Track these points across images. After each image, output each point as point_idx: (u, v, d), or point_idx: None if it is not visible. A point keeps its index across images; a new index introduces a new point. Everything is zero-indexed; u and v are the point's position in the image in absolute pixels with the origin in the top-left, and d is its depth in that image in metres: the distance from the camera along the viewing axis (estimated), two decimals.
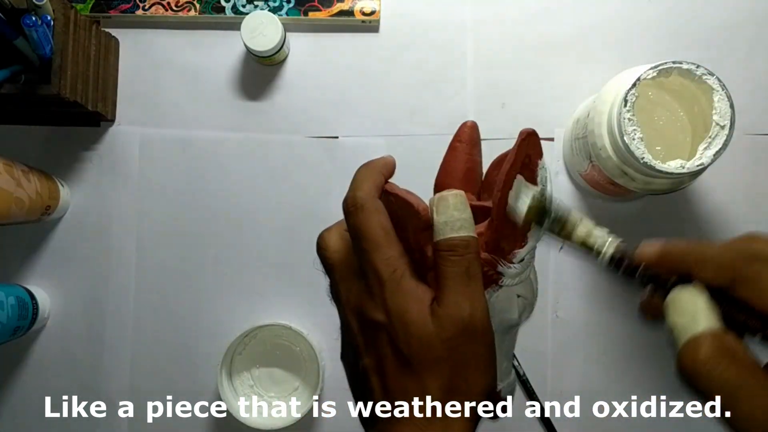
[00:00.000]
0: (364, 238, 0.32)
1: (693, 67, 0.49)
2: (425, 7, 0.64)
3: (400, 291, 0.31)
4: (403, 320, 0.30)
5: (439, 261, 0.31)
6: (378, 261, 0.31)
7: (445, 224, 0.31)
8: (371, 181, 0.33)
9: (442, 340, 0.30)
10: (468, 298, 0.31)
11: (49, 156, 0.64)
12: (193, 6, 0.64)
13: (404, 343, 0.30)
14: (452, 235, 0.31)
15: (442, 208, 0.32)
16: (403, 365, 0.30)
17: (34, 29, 0.51)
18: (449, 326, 0.30)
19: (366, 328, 0.32)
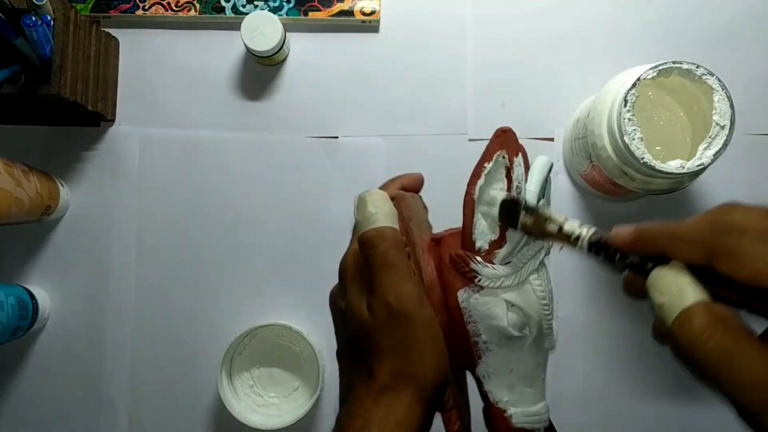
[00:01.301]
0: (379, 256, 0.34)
1: (693, 67, 0.49)
2: (425, 8, 0.64)
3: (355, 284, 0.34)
4: (350, 309, 0.33)
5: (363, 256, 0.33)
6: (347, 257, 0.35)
7: (362, 221, 0.34)
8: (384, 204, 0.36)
9: (375, 327, 0.32)
10: (391, 284, 0.32)
11: (49, 156, 0.64)
12: (193, 6, 0.64)
13: (352, 331, 0.33)
14: (367, 229, 0.33)
15: (360, 208, 0.34)
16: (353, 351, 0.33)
17: (34, 29, 0.51)
18: (378, 314, 0.32)
19: (336, 316, 0.36)
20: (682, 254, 0.29)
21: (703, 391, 0.65)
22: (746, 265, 0.27)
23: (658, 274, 0.30)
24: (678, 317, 0.28)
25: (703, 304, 0.28)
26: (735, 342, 0.26)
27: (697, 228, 0.29)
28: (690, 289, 0.28)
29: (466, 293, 0.33)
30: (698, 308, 0.27)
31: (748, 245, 0.27)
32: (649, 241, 0.30)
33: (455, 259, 0.34)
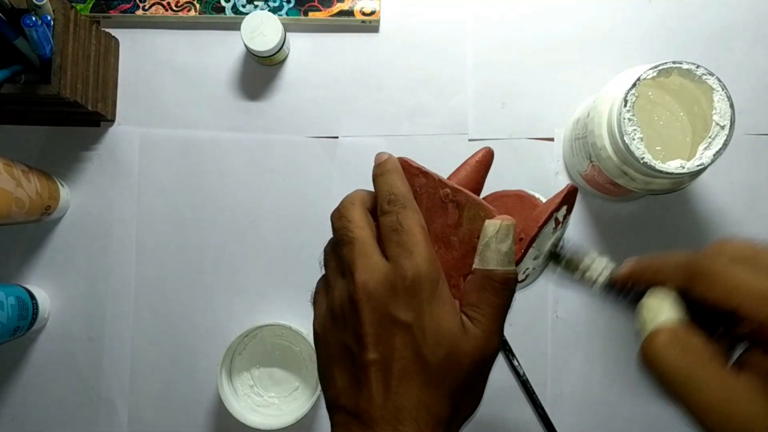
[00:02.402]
0: (407, 232, 0.31)
1: (693, 67, 0.49)
2: (425, 8, 0.64)
3: (438, 296, 0.30)
4: (437, 328, 0.30)
5: (486, 286, 0.31)
6: (419, 259, 0.31)
7: (505, 255, 0.31)
8: (402, 182, 0.34)
9: (472, 361, 0.30)
10: (500, 330, 0.31)
11: (49, 156, 0.64)
12: (193, 6, 0.64)
13: (432, 351, 0.30)
14: (509, 269, 0.31)
15: (504, 237, 0.31)
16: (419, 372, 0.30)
17: (34, 29, 0.51)
18: (481, 350, 0.30)
19: (384, 322, 0.30)
20: (665, 277, 0.30)
21: None
22: (716, 286, 0.27)
23: (646, 298, 0.31)
24: (647, 336, 0.29)
25: (670, 324, 0.28)
26: (691, 363, 0.27)
27: (682, 256, 0.30)
28: (666, 310, 0.29)
29: None
30: (664, 328, 0.28)
31: (720, 266, 0.28)
32: (640, 272, 0.32)
33: None
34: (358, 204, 0.34)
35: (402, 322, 0.30)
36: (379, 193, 0.34)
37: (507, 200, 0.37)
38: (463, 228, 0.33)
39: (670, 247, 0.62)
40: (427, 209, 0.34)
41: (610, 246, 0.62)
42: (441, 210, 0.34)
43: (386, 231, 0.32)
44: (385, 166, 0.35)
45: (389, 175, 0.34)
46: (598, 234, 0.62)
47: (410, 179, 0.35)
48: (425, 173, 0.35)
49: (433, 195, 0.34)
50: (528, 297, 0.62)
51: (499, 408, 0.62)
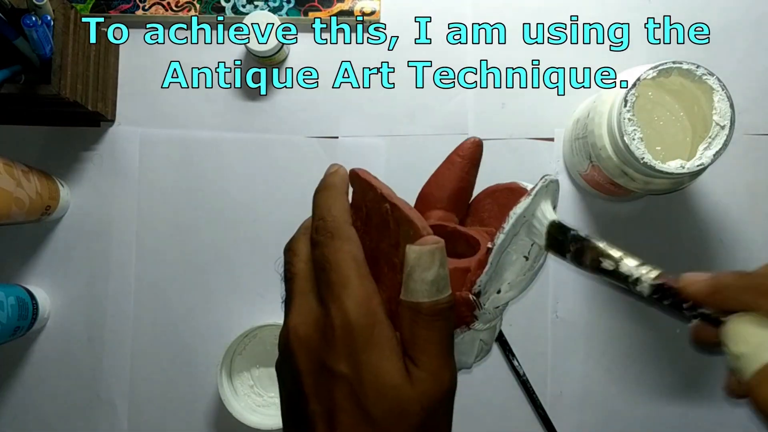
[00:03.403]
0: (333, 269, 0.28)
1: (693, 67, 0.49)
2: (425, 7, 0.64)
3: (373, 343, 0.27)
4: (376, 380, 0.26)
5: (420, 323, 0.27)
6: (348, 301, 0.27)
7: (431, 284, 0.27)
8: (340, 204, 0.30)
9: (422, 408, 0.27)
10: (449, 364, 0.28)
11: (49, 156, 0.64)
12: (193, 6, 0.64)
13: (375, 405, 0.26)
14: (438, 298, 0.27)
15: (428, 264, 0.27)
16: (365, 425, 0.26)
17: (34, 29, 0.51)
18: (430, 395, 0.27)
19: (320, 372, 0.27)
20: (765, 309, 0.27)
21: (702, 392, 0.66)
22: None
23: (737, 323, 0.28)
24: (758, 372, 0.26)
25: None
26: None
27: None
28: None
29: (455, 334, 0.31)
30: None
31: None
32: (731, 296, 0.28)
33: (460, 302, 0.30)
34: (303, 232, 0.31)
35: (339, 374, 0.27)
36: (312, 216, 0.31)
37: (498, 195, 0.34)
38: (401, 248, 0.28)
39: (670, 247, 0.62)
40: (376, 227, 0.30)
41: None
42: (385, 228, 0.30)
43: (316, 268, 0.29)
44: (325, 182, 0.31)
45: (324, 193, 0.31)
46: (598, 234, 0.62)
47: (363, 194, 0.31)
48: (372, 186, 0.31)
49: (379, 211, 0.30)
50: (528, 297, 0.62)
51: (499, 408, 0.62)
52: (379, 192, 0.30)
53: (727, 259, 0.62)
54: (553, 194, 0.31)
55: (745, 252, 0.62)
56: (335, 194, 0.30)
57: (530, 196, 0.30)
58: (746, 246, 0.62)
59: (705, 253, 0.62)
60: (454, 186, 0.34)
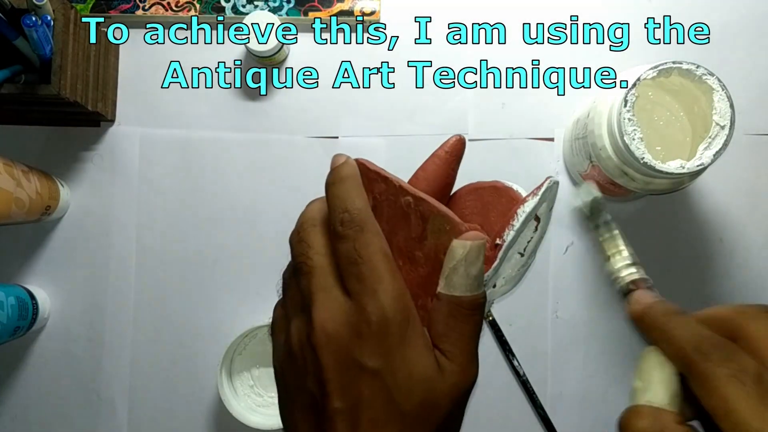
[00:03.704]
0: (366, 262, 0.27)
1: (693, 67, 0.49)
2: (425, 7, 0.64)
3: (408, 338, 0.27)
4: (410, 373, 0.26)
5: (454, 314, 0.28)
6: (383, 298, 0.26)
7: (474, 279, 0.28)
8: (362, 195, 0.29)
9: (451, 400, 0.27)
10: (476, 358, 0.28)
11: (49, 156, 0.64)
12: (193, 6, 0.64)
13: (406, 398, 0.26)
14: (477, 293, 0.28)
15: (474, 259, 0.27)
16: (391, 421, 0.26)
17: (34, 29, 0.51)
18: (459, 387, 0.27)
19: (347, 368, 0.27)
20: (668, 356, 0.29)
21: None
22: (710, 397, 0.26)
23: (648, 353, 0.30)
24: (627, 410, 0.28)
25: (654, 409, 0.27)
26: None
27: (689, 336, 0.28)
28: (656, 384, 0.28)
29: None
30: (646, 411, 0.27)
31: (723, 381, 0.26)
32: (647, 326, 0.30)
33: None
34: (320, 224, 0.30)
35: (369, 368, 0.26)
36: (331, 208, 0.29)
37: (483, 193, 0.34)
38: (428, 242, 0.28)
39: (670, 247, 0.62)
40: (389, 220, 0.30)
41: None
42: (403, 221, 0.29)
43: (343, 262, 0.28)
44: (338, 173, 0.30)
45: (342, 185, 0.29)
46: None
47: (369, 185, 0.31)
48: (385, 178, 0.30)
49: (395, 204, 0.30)
50: (528, 297, 0.62)
51: (499, 408, 0.62)
52: (396, 185, 0.30)
53: (727, 259, 0.62)
54: (553, 195, 0.32)
55: (745, 252, 0.62)
56: (353, 185, 0.29)
57: (537, 196, 0.30)
58: (746, 246, 0.62)
59: (705, 253, 0.62)
60: (439, 179, 0.35)
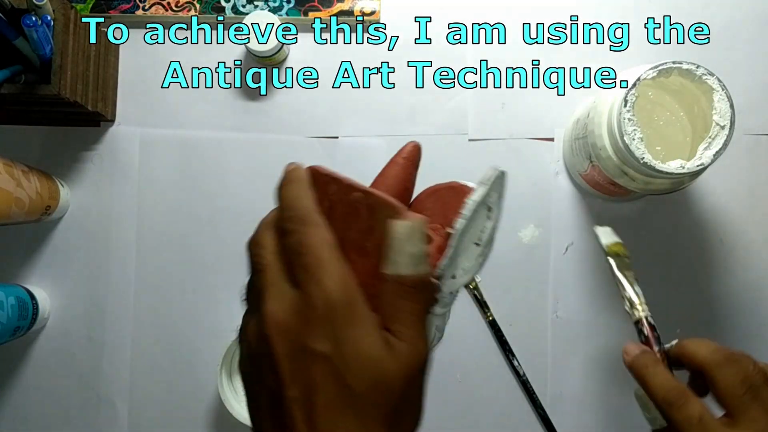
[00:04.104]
0: (309, 253, 0.28)
1: (693, 67, 0.49)
2: (425, 7, 0.64)
3: (354, 319, 0.27)
4: (358, 354, 0.27)
5: (400, 293, 0.28)
6: (327, 281, 0.27)
7: (414, 257, 0.29)
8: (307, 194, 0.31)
9: (403, 378, 0.27)
10: (425, 336, 0.29)
11: (49, 156, 0.64)
12: (193, 6, 0.64)
13: (357, 379, 0.27)
14: (419, 271, 0.29)
15: (412, 238, 0.29)
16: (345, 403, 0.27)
17: (34, 29, 0.51)
18: (410, 364, 0.28)
19: (298, 354, 0.28)
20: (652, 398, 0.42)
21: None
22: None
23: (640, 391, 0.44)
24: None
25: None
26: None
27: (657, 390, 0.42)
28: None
29: None
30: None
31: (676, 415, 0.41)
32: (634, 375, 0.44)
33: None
34: (272, 226, 0.32)
35: (319, 353, 0.27)
36: (279, 209, 0.31)
37: (441, 193, 0.36)
38: (376, 232, 0.30)
39: (670, 247, 0.62)
40: (342, 218, 0.32)
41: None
42: (355, 216, 0.31)
43: (290, 254, 0.29)
44: (287, 177, 0.32)
45: (288, 187, 0.32)
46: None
47: (323, 188, 0.33)
48: (335, 179, 0.32)
49: (346, 201, 0.32)
50: (528, 297, 0.62)
51: (499, 408, 0.62)
52: (346, 183, 0.32)
53: (727, 259, 0.62)
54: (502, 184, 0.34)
55: (745, 252, 0.62)
56: (300, 186, 0.32)
57: (486, 185, 0.33)
58: (746, 246, 0.62)
59: (705, 253, 0.62)
60: (398, 184, 0.37)
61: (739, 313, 0.62)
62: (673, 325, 0.62)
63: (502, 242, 0.63)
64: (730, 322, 0.62)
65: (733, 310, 0.62)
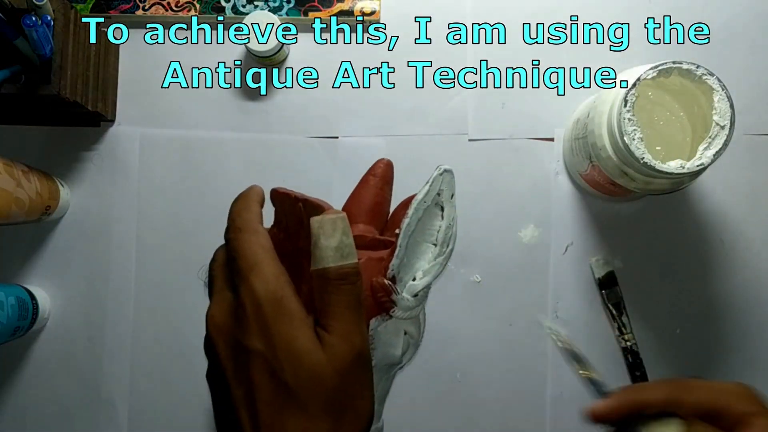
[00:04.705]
0: (241, 257, 0.30)
1: (693, 67, 0.49)
2: (425, 7, 0.64)
3: (282, 315, 0.28)
4: (288, 349, 0.28)
5: (328, 288, 0.29)
6: (255, 281, 0.29)
7: (335, 250, 0.29)
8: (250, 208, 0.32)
9: (335, 371, 0.28)
10: (358, 327, 0.29)
11: (49, 156, 0.64)
12: (193, 6, 0.64)
13: (290, 374, 0.28)
14: (343, 263, 0.29)
15: (330, 231, 0.29)
16: (284, 399, 0.28)
17: (34, 29, 0.51)
18: (342, 357, 0.28)
19: (237, 354, 0.29)
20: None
21: None
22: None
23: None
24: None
25: None
26: None
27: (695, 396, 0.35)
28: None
29: (377, 321, 0.33)
30: None
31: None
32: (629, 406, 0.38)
33: (377, 288, 0.33)
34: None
35: (254, 350, 0.28)
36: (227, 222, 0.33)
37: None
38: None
39: (670, 247, 0.62)
40: (294, 230, 0.33)
41: (611, 246, 0.62)
42: (300, 225, 0.32)
43: (228, 262, 0.31)
44: (239, 195, 0.33)
45: (236, 202, 0.33)
46: (598, 234, 0.62)
47: (281, 206, 0.34)
48: (287, 194, 0.34)
49: (295, 214, 0.33)
50: (528, 297, 0.62)
51: (499, 408, 0.61)
52: (292, 196, 0.33)
53: (727, 259, 0.62)
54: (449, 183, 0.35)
55: (745, 252, 0.62)
56: (247, 201, 0.33)
57: (428, 184, 0.33)
58: (746, 246, 0.62)
59: (705, 253, 0.62)
60: (370, 201, 0.38)
61: (739, 313, 0.62)
62: (673, 325, 0.62)
63: (502, 242, 0.63)
64: (730, 322, 0.62)
65: (733, 310, 0.62)
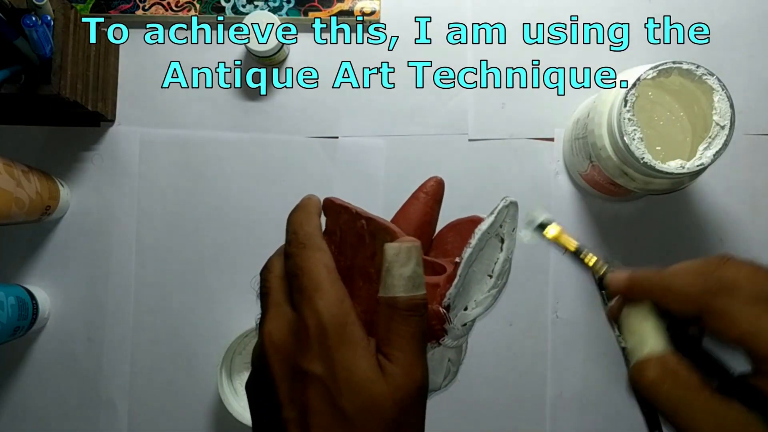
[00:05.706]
0: (306, 275, 0.29)
1: (693, 67, 0.49)
2: (425, 7, 0.64)
3: (346, 341, 0.28)
4: (350, 376, 0.27)
5: (395, 317, 0.28)
6: (320, 303, 0.28)
7: (408, 279, 0.29)
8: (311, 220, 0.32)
9: (395, 402, 0.27)
10: (421, 360, 0.29)
11: (49, 156, 0.64)
12: (193, 6, 0.64)
13: (349, 401, 0.27)
14: (414, 294, 0.29)
15: (405, 260, 0.29)
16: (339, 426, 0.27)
17: (34, 29, 0.51)
18: (403, 388, 0.28)
19: (295, 376, 0.28)
20: (674, 307, 0.31)
21: None
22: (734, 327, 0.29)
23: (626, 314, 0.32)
24: (634, 365, 0.30)
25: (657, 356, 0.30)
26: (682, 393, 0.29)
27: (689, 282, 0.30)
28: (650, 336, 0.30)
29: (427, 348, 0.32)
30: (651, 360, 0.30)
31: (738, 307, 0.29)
32: (642, 291, 0.32)
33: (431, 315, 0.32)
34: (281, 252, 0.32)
35: (312, 374, 0.27)
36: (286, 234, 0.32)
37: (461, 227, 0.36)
38: (377, 257, 0.30)
39: (670, 247, 0.62)
40: (351, 245, 0.32)
41: (611, 246, 0.62)
42: (361, 243, 0.32)
43: (289, 277, 0.30)
44: (298, 205, 0.33)
45: (296, 213, 0.32)
46: (598, 234, 0.62)
47: (336, 218, 0.33)
48: (346, 208, 0.33)
49: (354, 229, 0.32)
50: (528, 297, 0.62)
51: (499, 408, 0.61)
52: (353, 211, 0.32)
53: None
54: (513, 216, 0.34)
55: (745, 252, 0.62)
56: (307, 213, 0.32)
57: (493, 215, 0.32)
58: (746, 246, 0.62)
59: (705, 253, 0.62)
60: (419, 219, 0.37)
61: None
62: None
63: None
64: None
65: None
